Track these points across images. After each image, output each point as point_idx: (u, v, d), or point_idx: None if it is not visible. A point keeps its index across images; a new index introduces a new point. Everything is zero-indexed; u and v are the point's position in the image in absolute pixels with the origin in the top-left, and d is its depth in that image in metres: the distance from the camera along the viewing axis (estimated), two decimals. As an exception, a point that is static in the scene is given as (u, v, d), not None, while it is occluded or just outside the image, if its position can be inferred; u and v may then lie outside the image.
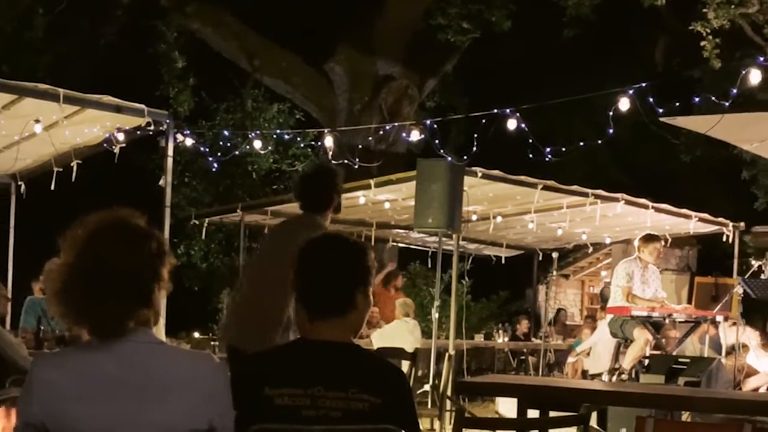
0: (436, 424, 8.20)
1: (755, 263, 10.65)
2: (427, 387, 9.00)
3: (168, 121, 8.26)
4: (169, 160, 8.22)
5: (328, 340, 2.67)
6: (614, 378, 9.74)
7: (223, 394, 2.41)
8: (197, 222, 12.88)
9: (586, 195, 10.45)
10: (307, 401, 2.56)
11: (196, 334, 14.05)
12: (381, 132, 14.32)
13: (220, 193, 16.25)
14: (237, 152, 13.50)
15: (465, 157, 9.83)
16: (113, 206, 2.40)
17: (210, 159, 13.75)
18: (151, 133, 8.34)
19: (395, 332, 10.46)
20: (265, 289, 4.94)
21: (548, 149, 10.26)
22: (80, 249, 2.30)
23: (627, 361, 9.49)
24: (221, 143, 13.82)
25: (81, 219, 2.35)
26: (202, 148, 13.57)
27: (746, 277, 9.90)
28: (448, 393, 8.21)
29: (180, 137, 11.14)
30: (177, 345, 5.53)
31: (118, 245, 2.32)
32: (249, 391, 2.56)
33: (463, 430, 3.68)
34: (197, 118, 15.98)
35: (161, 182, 8.27)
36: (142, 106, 7.98)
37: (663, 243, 10.29)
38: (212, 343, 12.38)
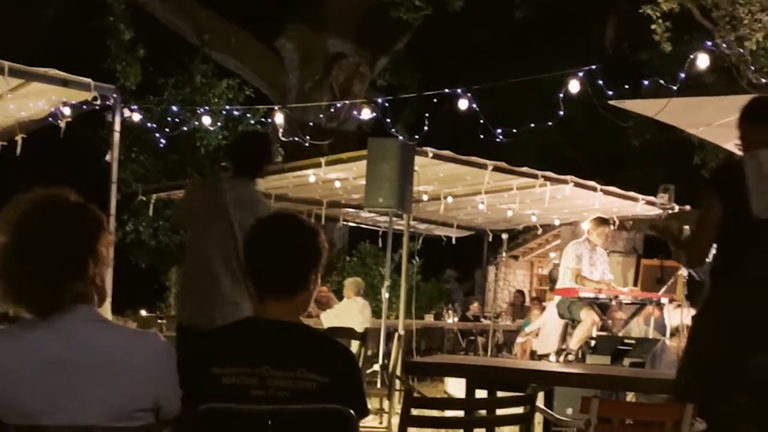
0: (386, 404, 8.19)
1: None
2: (376, 367, 9.00)
3: (115, 95, 8.16)
4: (116, 135, 8.12)
5: (277, 319, 2.65)
6: (561, 358, 9.83)
7: (169, 373, 2.39)
8: (144, 198, 12.71)
9: (535, 177, 10.50)
10: (255, 381, 2.54)
11: (143, 312, 13.89)
12: (332, 110, 14.25)
13: (168, 169, 16.02)
14: (185, 128, 13.34)
15: (417, 137, 9.81)
16: (57, 182, 2.39)
17: (158, 135, 13.57)
18: (97, 107, 8.23)
19: (345, 312, 10.45)
20: (210, 251, 4.86)
21: (499, 130, 10.27)
22: (11, 229, 2.29)
23: (574, 342, 9.58)
24: (169, 119, 13.63)
25: (12, 199, 2.34)
26: (149, 124, 13.37)
27: (691, 260, 9.99)
28: (398, 373, 8.21)
29: (127, 112, 10.97)
30: (123, 323, 5.46)
31: (48, 222, 2.31)
32: (196, 370, 2.53)
33: (412, 409, 3.68)
34: (145, 93, 15.73)
35: (108, 157, 8.17)
36: (89, 80, 7.85)
37: (612, 227, 10.37)
38: (159, 321, 12.27)
